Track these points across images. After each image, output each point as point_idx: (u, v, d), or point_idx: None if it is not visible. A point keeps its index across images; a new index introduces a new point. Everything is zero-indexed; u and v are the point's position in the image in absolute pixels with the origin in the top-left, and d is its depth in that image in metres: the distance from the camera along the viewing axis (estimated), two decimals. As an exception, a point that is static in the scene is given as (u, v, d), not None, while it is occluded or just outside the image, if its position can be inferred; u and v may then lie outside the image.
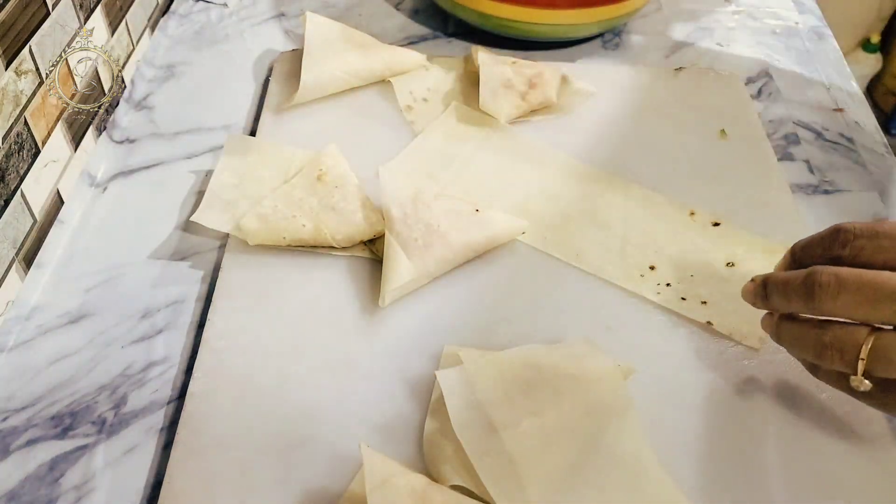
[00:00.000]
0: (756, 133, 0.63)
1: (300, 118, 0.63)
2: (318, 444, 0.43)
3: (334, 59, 0.64)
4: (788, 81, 0.71)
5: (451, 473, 0.41)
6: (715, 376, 0.47)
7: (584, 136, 0.62)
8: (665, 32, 0.76)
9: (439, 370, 0.44)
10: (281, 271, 0.51)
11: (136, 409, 0.46)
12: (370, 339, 0.48)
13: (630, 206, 0.56)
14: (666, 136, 0.63)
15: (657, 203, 0.57)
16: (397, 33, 0.74)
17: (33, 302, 0.51)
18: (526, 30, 0.70)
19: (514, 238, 0.54)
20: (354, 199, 0.53)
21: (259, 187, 0.55)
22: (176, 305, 0.51)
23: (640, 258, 0.53)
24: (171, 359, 0.48)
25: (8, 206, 0.50)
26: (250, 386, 0.45)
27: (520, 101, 0.63)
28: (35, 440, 0.44)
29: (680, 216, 0.56)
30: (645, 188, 0.58)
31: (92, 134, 0.61)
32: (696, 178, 0.60)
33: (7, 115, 0.49)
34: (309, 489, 0.41)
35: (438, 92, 0.66)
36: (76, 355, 0.48)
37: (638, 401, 0.44)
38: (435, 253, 0.50)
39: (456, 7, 0.71)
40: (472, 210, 0.53)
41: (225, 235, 0.53)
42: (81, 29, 0.59)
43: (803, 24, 0.79)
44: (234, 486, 0.41)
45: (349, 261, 0.52)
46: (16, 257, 0.51)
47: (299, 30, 0.73)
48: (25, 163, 0.52)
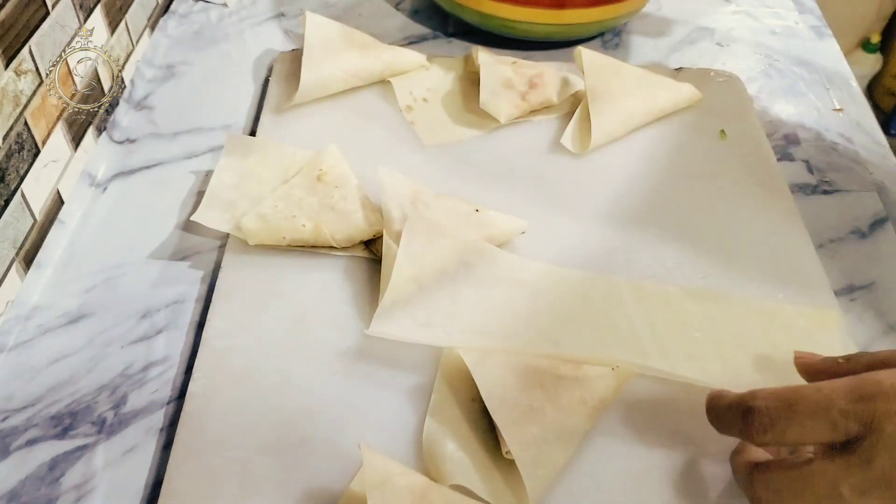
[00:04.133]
0: (756, 133, 0.63)
1: (300, 118, 0.63)
2: (318, 444, 0.43)
3: (334, 59, 0.64)
4: (788, 81, 0.71)
5: (451, 473, 0.41)
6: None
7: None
8: (665, 32, 0.76)
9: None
10: (281, 271, 0.51)
11: (136, 409, 0.46)
12: (370, 338, 0.48)
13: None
14: (665, 136, 0.63)
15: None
16: (397, 33, 0.74)
17: (33, 302, 0.51)
18: (526, 30, 0.70)
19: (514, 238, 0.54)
20: (354, 199, 0.53)
21: (259, 187, 0.55)
22: (176, 305, 0.51)
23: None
24: (171, 359, 0.48)
25: (8, 206, 0.50)
26: (250, 386, 0.45)
27: (520, 101, 0.63)
28: (35, 440, 0.44)
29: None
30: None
31: (92, 134, 0.61)
32: (696, 178, 0.60)
33: (7, 115, 0.49)
34: (309, 489, 0.41)
35: (438, 92, 0.66)
36: (76, 355, 0.48)
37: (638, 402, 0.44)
38: (435, 253, 0.50)
39: (456, 7, 0.71)
40: (472, 210, 0.53)
41: (225, 235, 0.53)
42: (81, 29, 0.59)
43: (803, 23, 0.79)
44: (234, 486, 0.41)
45: (349, 261, 0.52)
46: (16, 257, 0.51)
47: (299, 30, 0.73)
48: (25, 163, 0.52)
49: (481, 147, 0.61)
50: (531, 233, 0.54)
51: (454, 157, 0.61)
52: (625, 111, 0.62)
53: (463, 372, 0.46)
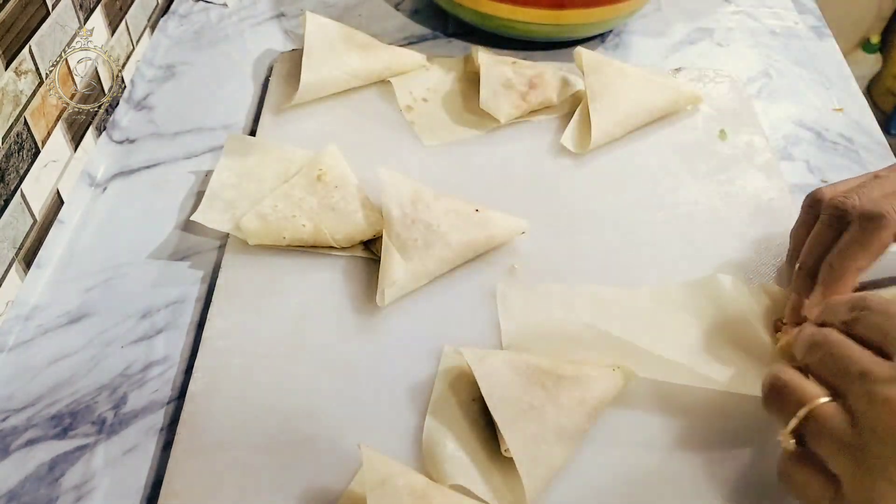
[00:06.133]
0: (756, 133, 0.63)
1: (300, 118, 0.63)
2: (318, 444, 0.43)
3: (334, 60, 0.64)
4: (788, 81, 0.71)
5: (451, 473, 0.41)
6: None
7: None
8: (665, 32, 0.76)
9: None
10: (281, 271, 0.51)
11: (136, 409, 0.46)
12: (370, 338, 0.48)
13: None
14: (665, 136, 0.63)
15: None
16: (397, 33, 0.74)
17: (33, 302, 0.51)
18: (526, 30, 0.70)
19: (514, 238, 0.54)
20: (354, 199, 0.53)
21: (259, 187, 0.55)
22: (176, 305, 0.51)
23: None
24: (171, 359, 0.48)
25: (8, 206, 0.50)
26: (250, 386, 0.45)
27: (520, 102, 0.63)
28: (35, 440, 0.44)
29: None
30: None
31: (92, 134, 0.61)
32: (696, 178, 0.60)
33: (7, 115, 0.49)
34: (309, 489, 0.41)
35: (438, 92, 0.66)
36: (76, 355, 0.48)
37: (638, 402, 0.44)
38: (435, 253, 0.50)
39: (456, 7, 0.71)
40: (472, 210, 0.53)
41: (225, 235, 0.53)
42: (81, 29, 0.59)
43: (803, 24, 0.79)
44: (234, 486, 0.41)
45: (349, 261, 0.52)
46: (16, 257, 0.51)
47: (299, 30, 0.73)
48: (25, 163, 0.52)
49: (481, 147, 0.62)
50: (531, 233, 0.54)
51: (454, 157, 0.61)
52: (625, 111, 0.62)
53: (463, 372, 0.46)
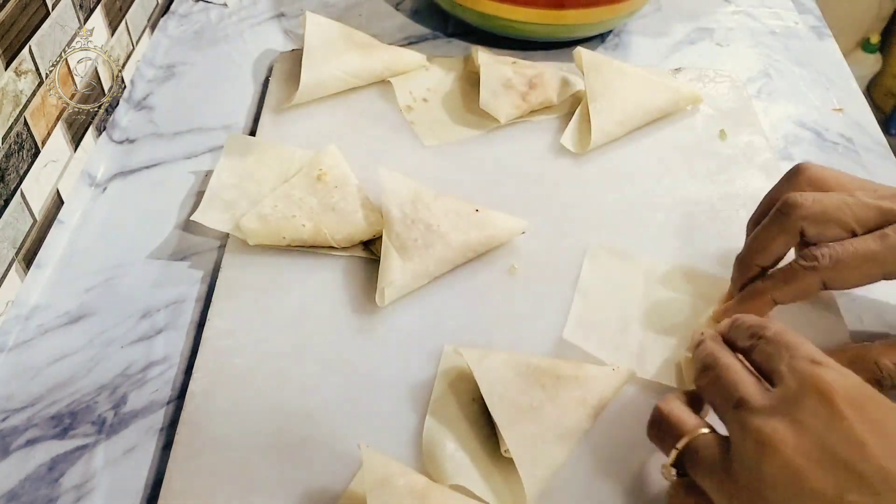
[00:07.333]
0: (756, 133, 0.63)
1: (300, 118, 0.63)
2: (318, 444, 0.43)
3: (334, 60, 0.64)
4: (788, 81, 0.71)
5: (451, 473, 0.41)
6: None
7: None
8: (665, 32, 0.76)
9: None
10: (281, 271, 0.51)
11: (136, 409, 0.46)
12: (370, 338, 0.48)
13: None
14: (665, 136, 0.63)
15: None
16: (397, 33, 0.74)
17: (33, 302, 0.51)
18: (526, 30, 0.70)
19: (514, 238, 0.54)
20: (354, 199, 0.53)
21: (259, 187, 0.55)
22: (176, 305, 0.51)
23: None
24: (171, 359, 0.48)
25: (8, 206, 0.50)
26: (250, 386, 0.46)
27: (520, 102, 0.63)
28: (35, 440, 0.44)
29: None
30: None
31: (92, 134, 0.61)
32: (696, 178, 0.60)
33: (7, 115, 0.49)
34: (309, 489, 0.41)
35: (438, 92, 0.66)
36: (76, 355, 0.48)
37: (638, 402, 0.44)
38: (435, 253, 0.50)
39: (456, 7, 0.71)
40: (472, 210, 0.53)
41: (225, 235, 0.53)
42: (81, 29, 0.59)
43: (803, 24, 0.79)
44: (234, 486, 0.41)
45: (349, 261, 0.52)
46: (15, 257, 0.51)
47: (299, 30, 0.73)
48: (25, 163, 0.52)
49: (481, 147, 0.62)
50: (531, 233, 0.54)
51: (454, 157, 0.61)
52: (625, 111, 0.62)
53: (463, 372, 0.46)
